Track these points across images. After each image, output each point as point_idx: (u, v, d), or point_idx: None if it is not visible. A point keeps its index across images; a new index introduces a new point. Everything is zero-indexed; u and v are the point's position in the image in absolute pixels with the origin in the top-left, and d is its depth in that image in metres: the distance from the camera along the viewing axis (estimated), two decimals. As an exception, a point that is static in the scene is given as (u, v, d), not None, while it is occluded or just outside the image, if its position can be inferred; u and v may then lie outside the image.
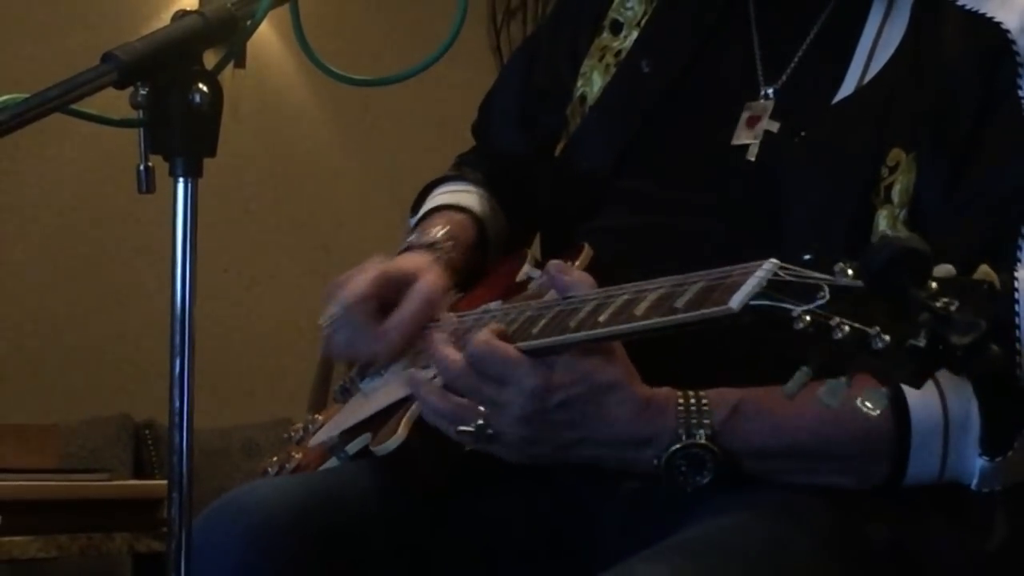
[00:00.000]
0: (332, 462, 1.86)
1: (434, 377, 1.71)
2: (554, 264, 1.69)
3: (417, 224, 2.06)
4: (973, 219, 1.74)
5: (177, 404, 1.48)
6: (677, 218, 1.84)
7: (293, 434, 2.04)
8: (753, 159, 1.84)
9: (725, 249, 1.74)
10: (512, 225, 2.12)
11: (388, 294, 1.88)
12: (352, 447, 1.83)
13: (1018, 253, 1.73)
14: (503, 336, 1.62)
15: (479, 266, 2.06)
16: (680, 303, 1.50)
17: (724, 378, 1.65)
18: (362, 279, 1.90)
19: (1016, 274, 1.69)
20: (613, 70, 1.99)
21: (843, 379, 1.39)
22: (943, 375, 1.67)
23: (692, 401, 1.62)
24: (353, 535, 1.73)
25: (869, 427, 1.65)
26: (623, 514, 1.76)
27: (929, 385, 1.67)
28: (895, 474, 1.68)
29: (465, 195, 2.08)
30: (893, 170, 1.76)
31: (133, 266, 4.69)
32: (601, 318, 1.56)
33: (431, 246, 1.97)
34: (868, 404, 1.40)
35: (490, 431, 1.63)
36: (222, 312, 4.80)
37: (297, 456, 1.95)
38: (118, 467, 4.72)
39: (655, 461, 1.62)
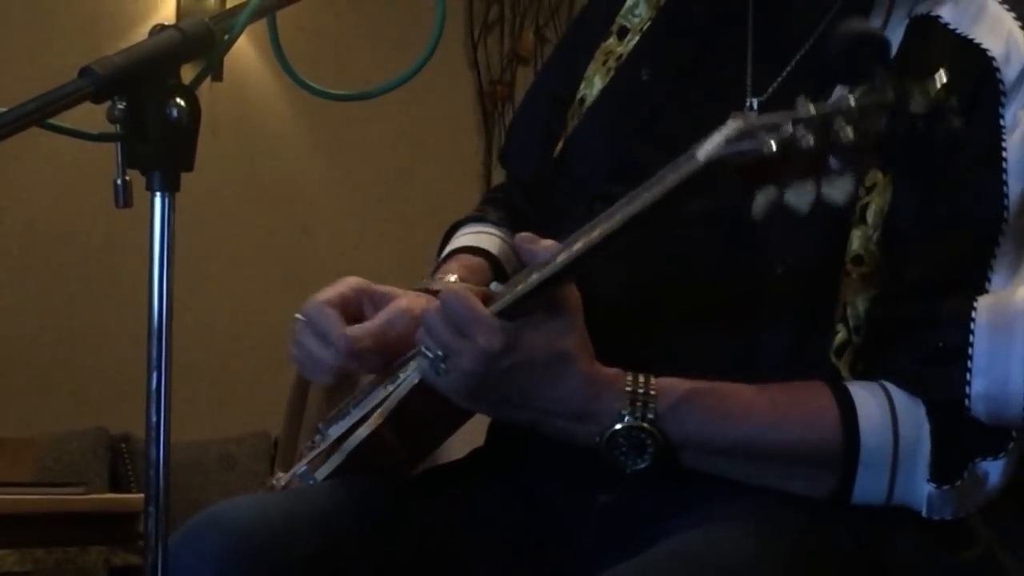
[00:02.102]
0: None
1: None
2: (522, 236, 1.68)
3: (436, 269, 2.06)
4: (944, 240, 1.75)
5: (154, 418, 1.48)
6: (665, 231, 1.85)
7: (275, 482, 2.03)
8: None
9: (711, 254, 1.75)
10: None
11: (366, 309, 1.87)
12: (321, 472, 1.83)
13: (989, 274, 1.73)
14: (484, 300, 1.63)
15: None
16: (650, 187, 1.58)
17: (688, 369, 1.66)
18: (337, 286, 1.89)
19: (975, 303, 1.70)
20: (613, 74, 1.99)
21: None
22: (898, 397, 1.68)
23: (640, 383, 1.64)
24: (329, 553, 1.73)
25: (817, 436, 1.67)
26: (598, 526, 1.77)
27: (883, 404, 1.68)
28: (842, 488, 1.68)
29: (486, 236, 2.09)
30: (870, 190, 1.77)
31: (110, 280, 4.69)
32: (561, 256, 1.60)
33: (427, 291, 1.96)
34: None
35: (443, 366, 1.64)
36: (198, 325, 4.80)
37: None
38: (94, 480, 4.72)
39: (596, 438, 1.64)
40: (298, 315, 1.85)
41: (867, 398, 1.68)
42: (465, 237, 2.10)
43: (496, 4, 5.95)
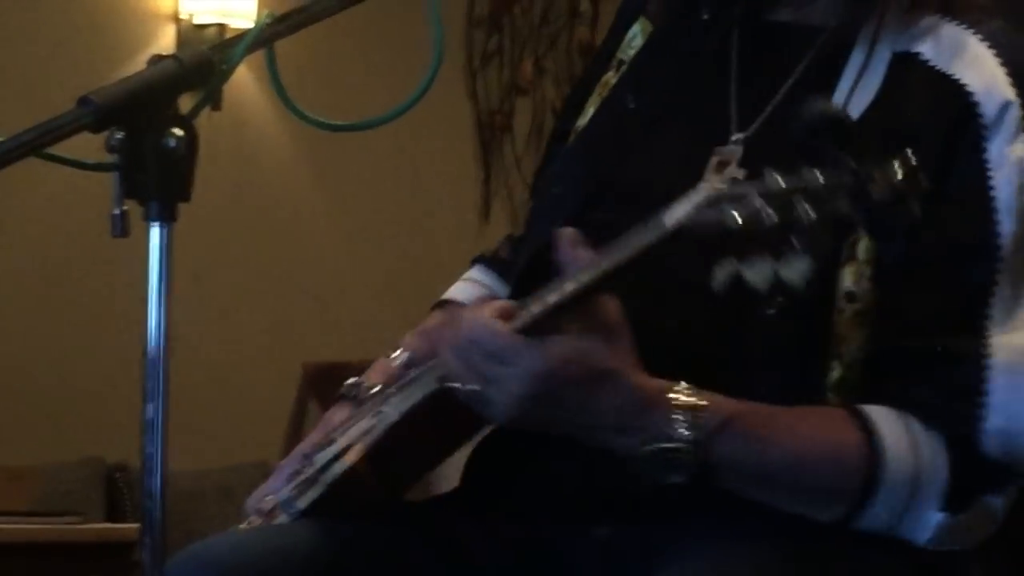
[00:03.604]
0: (282, 518, 1.85)
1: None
2: (565, 232, 1.69)
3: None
4: (937, 276, 1.76)
5: (150, 448, 1.47)
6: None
7: (257, 511, 2.03)
8: None
9: (691, 287, 1.75)
10: None
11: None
12: (303, 501, 1.83)
13: (987, 311, 1.74)
14: (504, 315, 1.62)
15: None
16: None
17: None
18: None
19: (990, 341, 1.71)
20: (603, 100, 2.00)
21: None
22: (918, 430, 1.69)
23: (688, 400, 1.63)
24: None
25: (842, 472, 1.67)
26: (601, 562, 1.77)
27: (905, 436, 1.68)
28: (853, 513, 1.69)
29: (477, 286, 2.11)
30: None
31: (106, 309, 4.69)
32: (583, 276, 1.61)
33: (353, 397, 1.99)
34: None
35: (486, 397, 1.63)
36: (195, 354, 4.79)
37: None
38: (90, 510, 4.71)
39: (637, 451, 1.62)
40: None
41: (892, 429, 1.68)
42: (460, 286, 2.13)
43: (495, 34, 5.96)
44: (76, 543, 4.24)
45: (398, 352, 2.04)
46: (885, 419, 1.68)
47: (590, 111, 2.00)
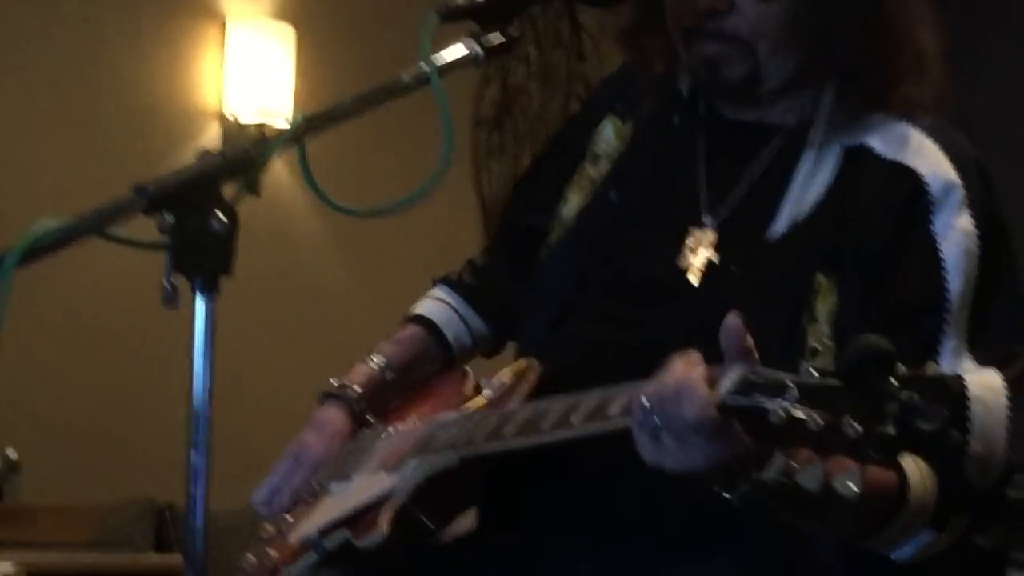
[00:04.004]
0: (311, 556, 1.83)
1: None
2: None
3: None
4: (894, 328, 1.75)
5: (193, 491, 1.47)
6: (632, 332, 1.85)
7: (270, 533, 2.02)
8: (696, 284, 1.85)
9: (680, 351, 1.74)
10: (492, 323, 2.15)
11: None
12: (330, 541, 1.81)
13: (937, 358, 1.74)
14: (710, 382, 1.52)
15: (439, 365, 2.12)
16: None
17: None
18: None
19: (964, 379, 1.71)
20: (587, 194, 2.00)
21: (855, 472, 1.38)
22: (922, 464, 1.68)
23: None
24: None
25: (879, 502, 1.64)
26: None
27: (918, 473, 1.67)
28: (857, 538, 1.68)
29: (439, 306, 2.12)
30: (818, 293, 1.77)
31: (158, 369, 4.68)
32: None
33: (341, 397, 2.09)
34: (847, 484, 1.40)
35: (665, 448, 1.53)
36: (233, 409, 4.77)
37: (274, 554, 1.92)
38: (142, 543, 4.68)
39: (728, 483, 1.55)
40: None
41: (910, 463, 1.67)
42: (425, 303, 2.18)
43: (497, 133, 5.98)
44: (130, 572, 4.23)
45: (376, 357, 2.05)
46: (903, 457, 1.68)
47: (573, 200, 2.00)
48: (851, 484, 1.39)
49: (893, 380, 1.37)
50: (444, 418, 1.87)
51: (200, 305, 1.48)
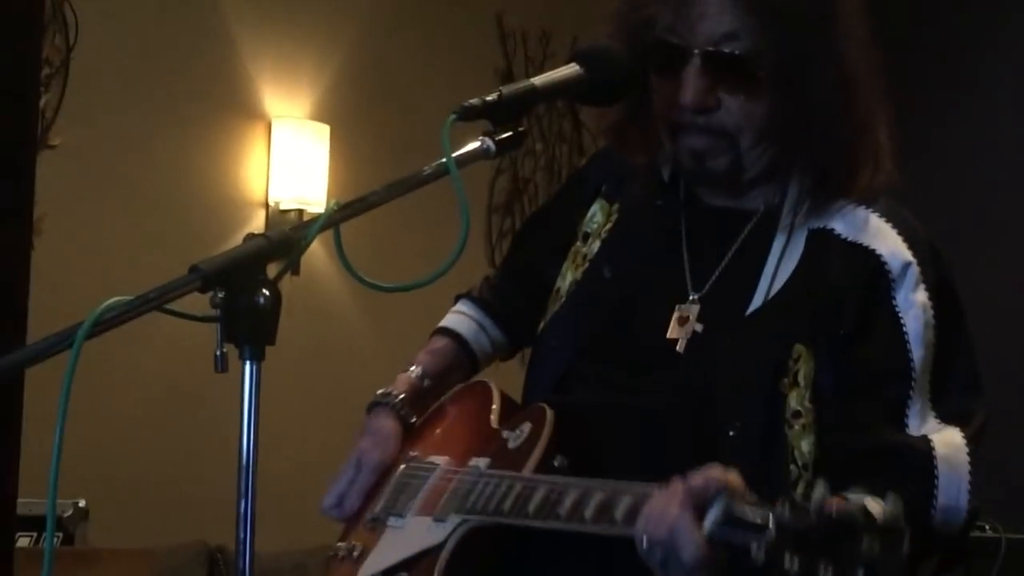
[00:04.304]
0: None
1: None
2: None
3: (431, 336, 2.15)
4: (866, 395, 1.75)
5: (241, 535, 1.46)
6: (628, 397, 1.85)
7: (341, 553, 2.03)
8: (682, 352, 1.84)
9: (668, 425, 1.74)
10: (510, 337, 2.17)
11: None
12: None
13: (904, 420, 1.74)
14: (698, 511, 1.51)
15: (467, 372, 2.14)
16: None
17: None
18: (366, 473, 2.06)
19: (931, 438, 1.71)
20: (581, 270, 1.99)
21: None
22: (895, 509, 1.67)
23: None
24: None
25: None
26: None
27: None
28: None
29: (463, 319, 2.14)
30: (797, 361, 1.77)
31: (211, 428, 4.67)
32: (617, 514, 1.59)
33: (388, 405, 2.10)
34: None
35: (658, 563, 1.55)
36: (276, 462, 4.76)
37: None
38: (196, 584, 4.67)
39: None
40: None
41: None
42: (451, 317, 2.18)
43: (509, 217, 5.99)
44: (184, 608, 4.21)
45: (414, 367, 2.05)
46: (879, 512, 1.67)
47: (568, 276, 2.00)
48: None
49: (857, 537, 1.36)
50: (477, 467, 1.86)
51: (247, 370, 1.48)
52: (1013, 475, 5.15)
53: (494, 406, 1.97)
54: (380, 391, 2.09)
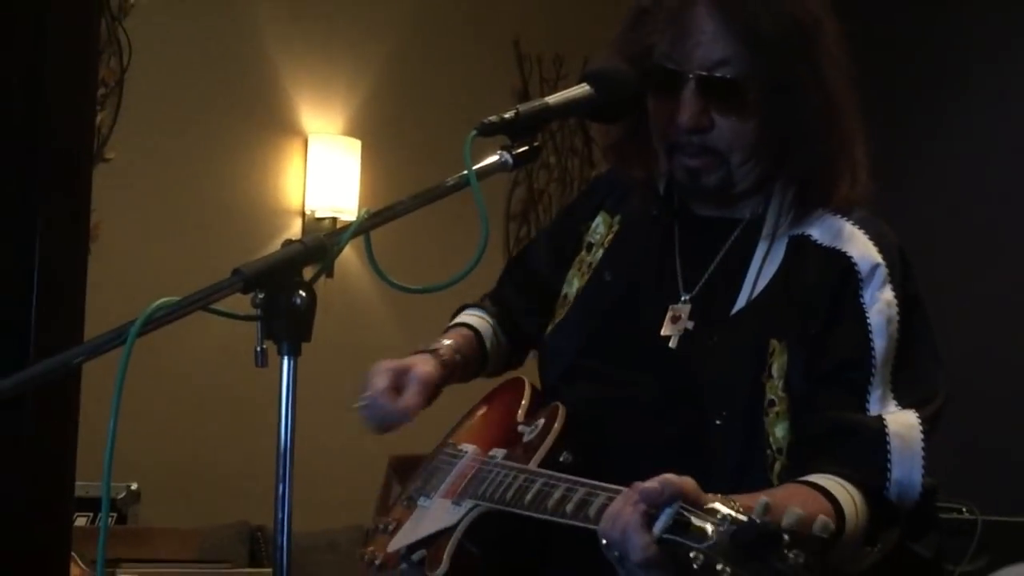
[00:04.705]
0: (402, 566, 1.86)
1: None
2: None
3: (445, 332, 2.11)
4: (834, 384, 1.76)
5: (280, 516, 1.47)
6: (626, 390, 1.85)
7: (380, 527, 2.03)
8: (675, 347, 1.85)
9: (660, 415, 1.75)
10: (512, 341, 2.15)
11: (397, 381, 1.95)
12: (416, 556, 1.83)
13: (866, 405, 1.75)
14: (646, 524, 1.49)
15: (478, 367, 2.12)
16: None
17: None
18: (379, 376, 1.97)
19: (885, 418, 1.71)
20: (586, 277, 2.01)
21: None
22: (852, 489, 1.68)
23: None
24: None
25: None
26: None
27: (851, 497, 1.66)
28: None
29: (478, 319, 2.12)
30: (772, 354, 1.77)
31: (252, 417, 4.68)
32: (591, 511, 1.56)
33: (433, 351, 2.03)
34: None
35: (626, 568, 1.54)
36: (312, 447, 4.76)
37: (380, 554, 1.93)
38: (238, 559, 4.67)
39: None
40: (363, 398, 1.89)
41: (844, 497, 1.68)
42: (465, 316, 2.16)
43: (525, 225, 5.99)
44: (228, 583, 4.22)
45: (450, 341, 2.06)
46: (838, 490, 1.68)
47: (575, 282, 2.00)
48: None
49: (780, 550, 1.34)
50: (494, 457, 1.87)
51: (285, 365, 1.48)
52: (988, 461, 5.15)
53: (523, 401, 1.97)
54: (422, 348, 2.08)
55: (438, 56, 5.73)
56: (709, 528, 1.38)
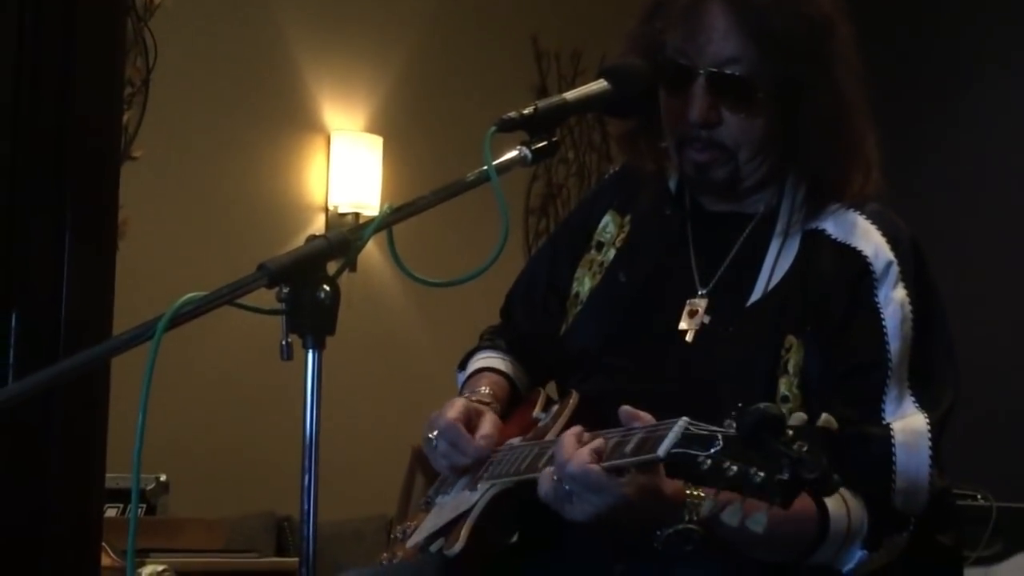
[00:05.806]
0: (423, 557, 1.86)
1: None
2: (624, 410, 1.66)
3: (466, 381, 2.05)
4: (848, 386, 1.76)
5: (305, 506, 1.47)
6: (644, 385, 1.85)
7: (398, 535, 2.02)
8: (691, 341, 1.85)
9: (677, 408, 1.75)
10: (531, 377, 2.10)
11: (468, 420, 1.88)
12: (433, 547, 1.83)
13: (882, 407, 1.74)
14: (597, 455, 1.58)
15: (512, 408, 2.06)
16: (628, 449, 1.55)
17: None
18: (453, 410, 1.88)
19: (892, 427, 1.71)
20: (598, 276, 1.99)
21: (764, 513, 1.40)
22: (848, 497, 1.68)
23: (693, 495, 1.58)
24: None
25: (803, 532, 1.65)
26: None
27: (842, 506, 1.67)
28: (808, 554, 1.68)
29: (498, 360, 2.09)
30: (788, 350, 1.77)
31: (279, 408, 4.69)
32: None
33: (480, 401, 1.95)
34: (753, 524, 1.42)
35: (573, 509, 1.60)
36: (337, 438, 4.77)
37: (400, 554, 1.94)
38: (265, 549, 4.68)
39: (659, 532, 1.58)
40: (431, 435, 1.87)
41: (833, 500, 1.67)
42: (484, 360, 2.09)
43: (544, 219, 5.99)
44: (254, 572, 4.22)
45: (485, 390, 1.99)
46: (834, 497, 1.67)
47: (586, 282, 1.99)
48: (758, 522, 1.41)
49: (784, 438, 1.39)
50: (511, 444, 1.88)
51: (310, 358, 1.48)
52: (1002, 448, 5.13)
53: (539, 400, 1.98)
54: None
55: (458, 54, 5.73)
56: (718, 436, 1.44)
